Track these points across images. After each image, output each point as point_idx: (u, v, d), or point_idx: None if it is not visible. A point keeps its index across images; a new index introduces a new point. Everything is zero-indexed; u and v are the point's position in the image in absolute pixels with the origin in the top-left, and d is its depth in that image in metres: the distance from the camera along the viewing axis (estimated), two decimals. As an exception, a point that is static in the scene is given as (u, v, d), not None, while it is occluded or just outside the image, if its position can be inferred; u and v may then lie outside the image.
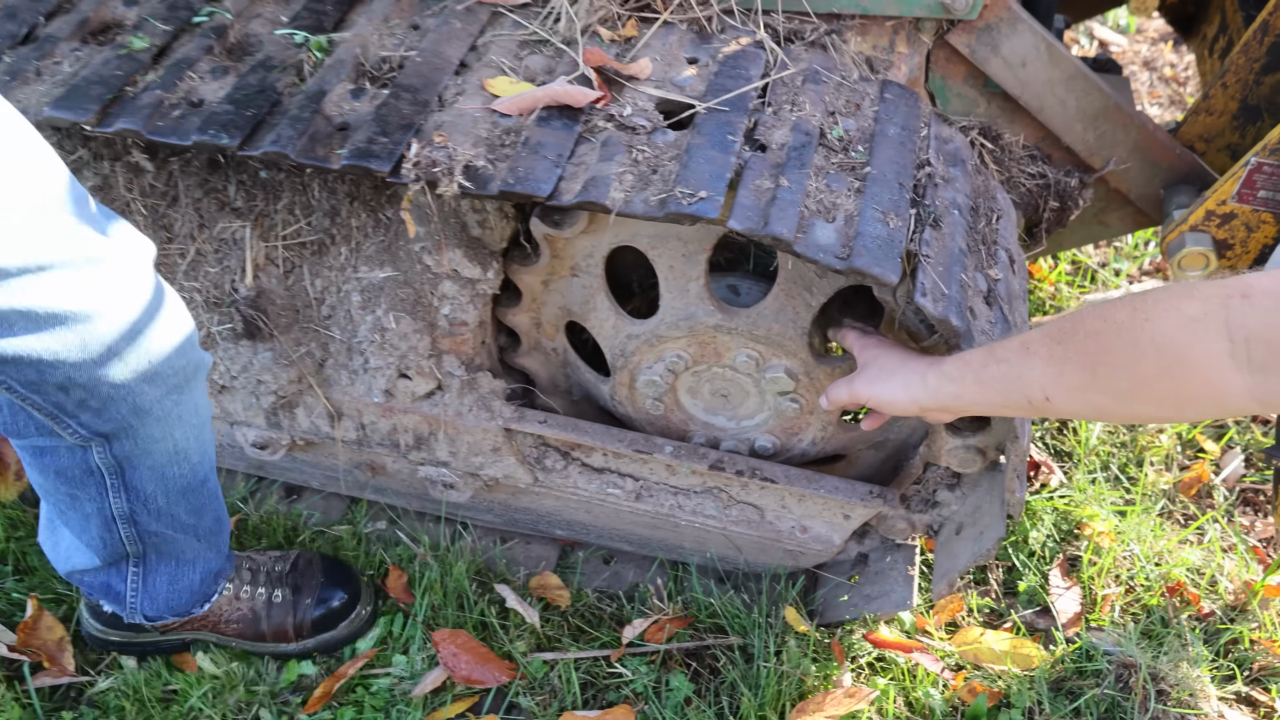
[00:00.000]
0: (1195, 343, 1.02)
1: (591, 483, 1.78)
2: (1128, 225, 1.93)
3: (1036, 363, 1.19)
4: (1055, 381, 1.17)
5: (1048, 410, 1.21)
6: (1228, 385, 1.01)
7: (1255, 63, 1.72)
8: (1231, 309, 1.00)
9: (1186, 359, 1.03)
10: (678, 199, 1.27)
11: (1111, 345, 1.10)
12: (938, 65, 1.74)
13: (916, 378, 1.34)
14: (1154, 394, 1.08)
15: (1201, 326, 1.02)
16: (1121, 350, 1.09)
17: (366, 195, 1.63)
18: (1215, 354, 1.01)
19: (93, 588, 1.63)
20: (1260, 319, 0.98)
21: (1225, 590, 1.84)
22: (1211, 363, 1.01)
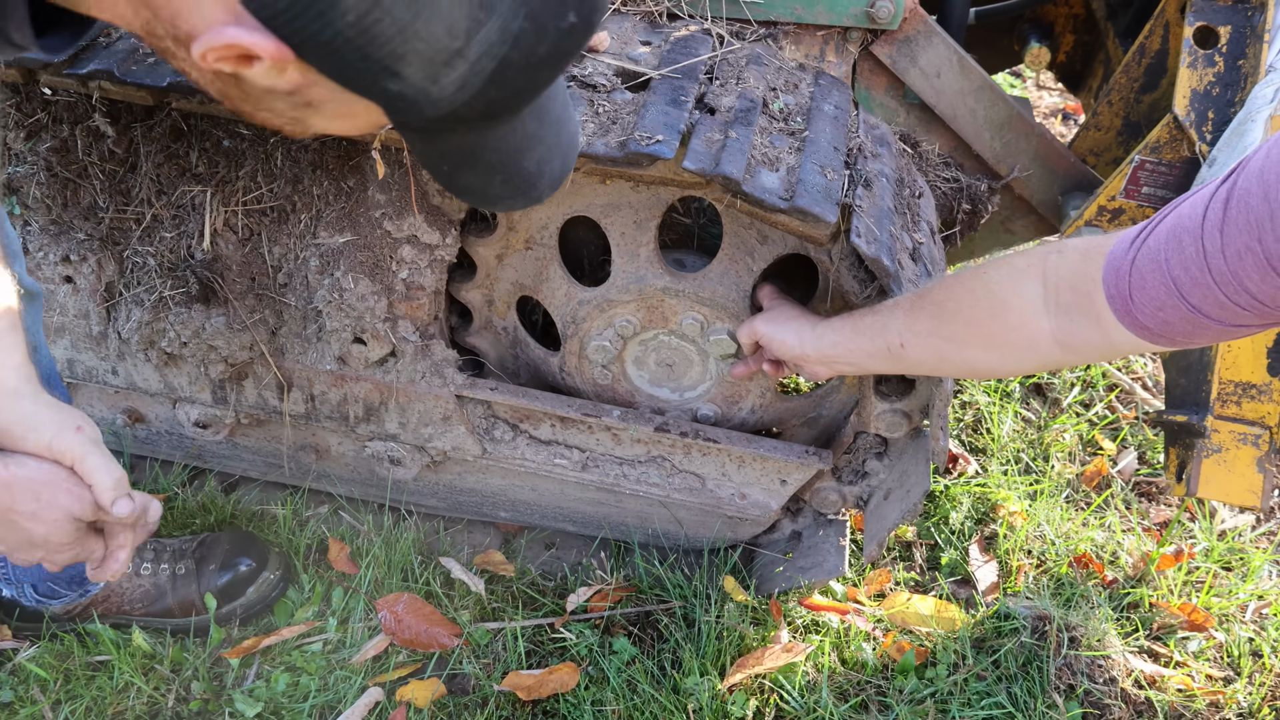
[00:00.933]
0: (1017, 286, 1.22)
1: (539, 454, 1.84)
2: (1031, 233, 2.11)
3: (899, 314, 1.38)
4: (909, 329, 1.36)
5: (903, 358, 1.39)
6: (1039, 328, 1.20)
7: (1135, 82, 1.94)
8: (1048, 261, 1.21)
9: (1009, 301, 1.23)
10: (636, 141, 1.39)
11: (955, 293, 1.31)
12: (863, 76, 1.91)
13: (807, 326, 1.53)
14: (982, 335, 1.28)
15: (1023, 274, 1.22)
16: (962, 296, 1.30)
17: (329, 163, 1.70)
18: (1031, 297, 1.20)
19: None
20: (1068, 268, 1.18)
21: (1126, 563, 1.97)
22: (1028, 304, 1.20)
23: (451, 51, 0.81)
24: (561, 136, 1.02)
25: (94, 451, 1.12)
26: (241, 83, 0.88)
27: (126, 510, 1.12)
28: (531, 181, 1.01)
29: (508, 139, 0.95)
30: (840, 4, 1.74)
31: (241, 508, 1.95)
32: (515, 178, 0.99)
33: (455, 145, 0.94)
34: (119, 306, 1.80)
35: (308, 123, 0.95)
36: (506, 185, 1.00)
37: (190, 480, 2.02)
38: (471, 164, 0.97)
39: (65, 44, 0.96)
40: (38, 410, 1.11)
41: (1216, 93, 1.71)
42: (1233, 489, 1.68)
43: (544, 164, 1.00)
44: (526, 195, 1.03)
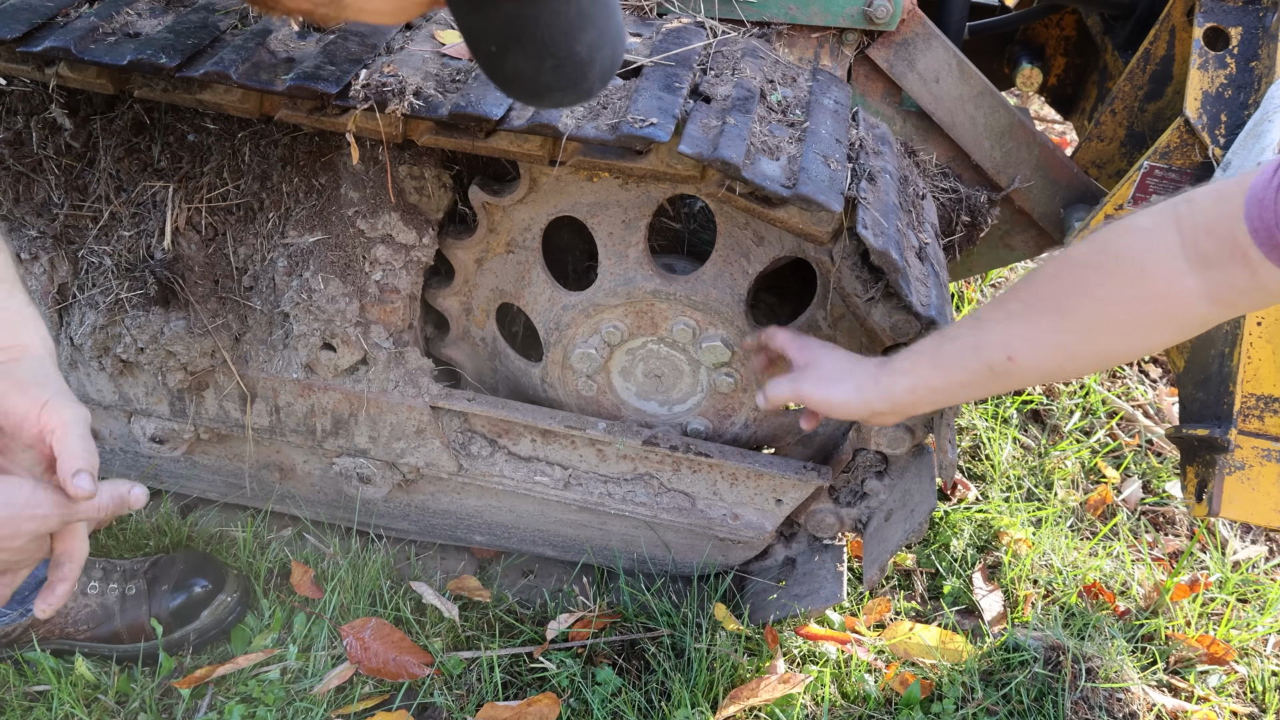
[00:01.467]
0: (1152, 246, 1.08)
1: (519, 471, 1.72)
2: (1031, 249, 2.04)
3: (994, 326, 1.20)
4: (1017, 336, 1.18)
5: (1011, 373, 1.20)
6: (1186, 287, 1.07)
7: (1139, 90, 1.88)
8: (1179, 212, 1.08)
9: (1146, 264, 1.09)
10: (630, 124, 1.30)
11: (1076, 277, 1.14)
12: (858, 81, 1.84)
13: (868, 379, 1.32)
14: (1120, 316, 1.12)
15: (1156, 232, 1.09)
16: (1087, 276, 1.13)
17: (300, 159, 1.61)
18: (1170, 252, 1.07)
19: None
20: (1204, 213, 1.06)
21: (1138, 593, 1.87)
22: (1169, 262, 1.07)
23: None
24: (613, 22, 0.93)
25: (81, 425, 1.07)
26: None
27: (85, 486, 1.02)
28: (583, 70, 0.92)
29: (562, 13, 0.86)
30: (836, 4, 1.68)
31: (199, 530, 1.82)
32: (567, 63, 0.90)
33: (507, 16, 0.85)
34: (72, 310, 1.68)
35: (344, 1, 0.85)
36: (557, 72, 0.90)
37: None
38: (522, 42, 0.87)
39: None
40: (54, 373, 1.09)
41: (1229, 95, 1.65)
42: (1257, 508, 1.59)
43: (595, 50, 0.91)
44: (578, 86, 0.94)
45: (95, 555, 1.68)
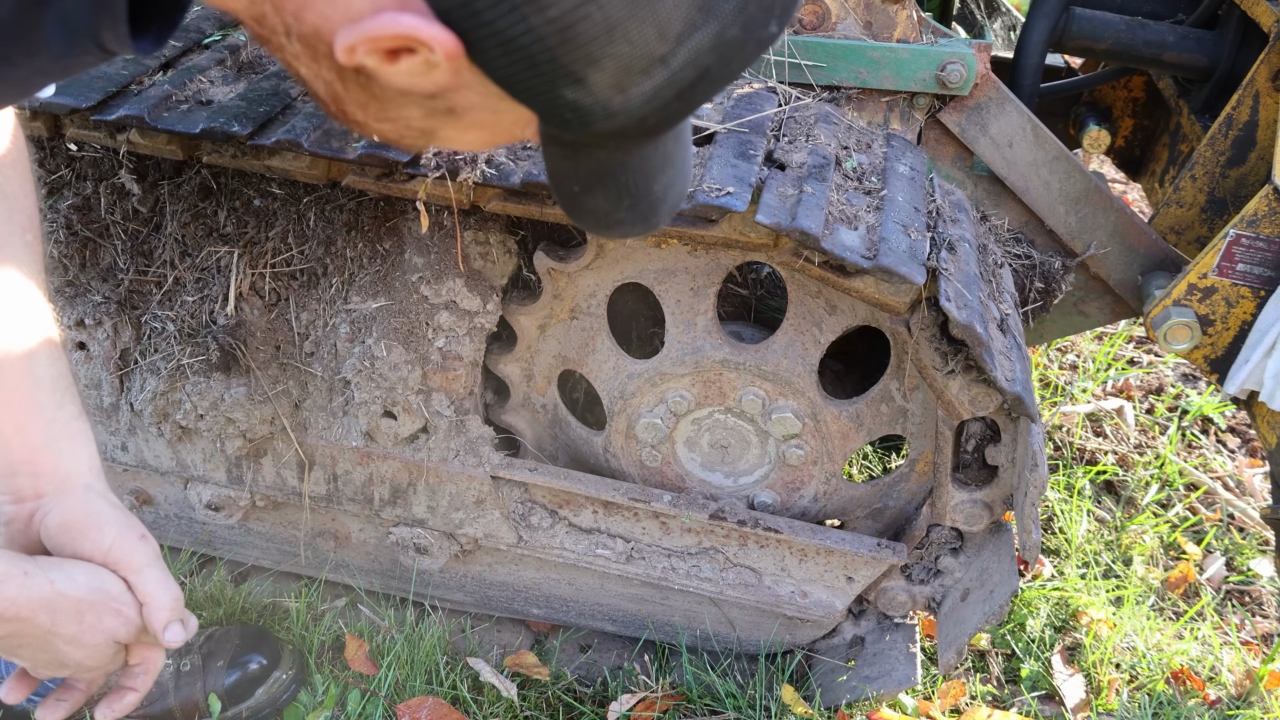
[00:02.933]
0: None
1: (579, 543, 1.67)
2: (1106, 316, 1.97)
3: None
4: None
5: None
6: None
7: (1220, 155, 1.83)
8: None
9: None
10: (705, 193, 1.27)
11: None
12: (928, 145, 1.80)
13: None
14: None
15: None
16: None
17: (365, 225, 1.59)
18: None
19: None
20: None
21: (1228, 680, 1.77)
22: None
23: (654, 58, 0.70)
24: (688, 159, 0.92)
25: (155, 564, 1.02)
26: (373, 83, 0.75)
27: (178, 638, 1.00)
28: (655, 207, 0.90)
29: (649, 159, 0.84)
30: (908, 68, 1.65)
31: (253, 599, 1.78)
32: (642, 201, 0.88)
33: (598, 162, 0.83)
34: (133, 375, 1.67)
35: (436, 134, 0.81)
36: (633, 210, 0.89)
37: (199, 569, 1.86)
38: (605, 185, 0.86)
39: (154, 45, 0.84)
40: (106, 509, 1.02)
41: (1318, 162, 1.59)
42: (1360, 595, 1.50)
43: (669, 188, 0.90)
44: (648, 221, 0.92)
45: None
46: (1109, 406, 2.40)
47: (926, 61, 1.64)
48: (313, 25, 0.71)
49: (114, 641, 1.00)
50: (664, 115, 0.75)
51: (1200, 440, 2.39)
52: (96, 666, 1.02)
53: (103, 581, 0.98)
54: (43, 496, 1.02)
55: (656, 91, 0.72)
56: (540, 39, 0.67)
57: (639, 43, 0.68)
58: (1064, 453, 2.29)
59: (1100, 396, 2.47)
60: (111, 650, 1.01)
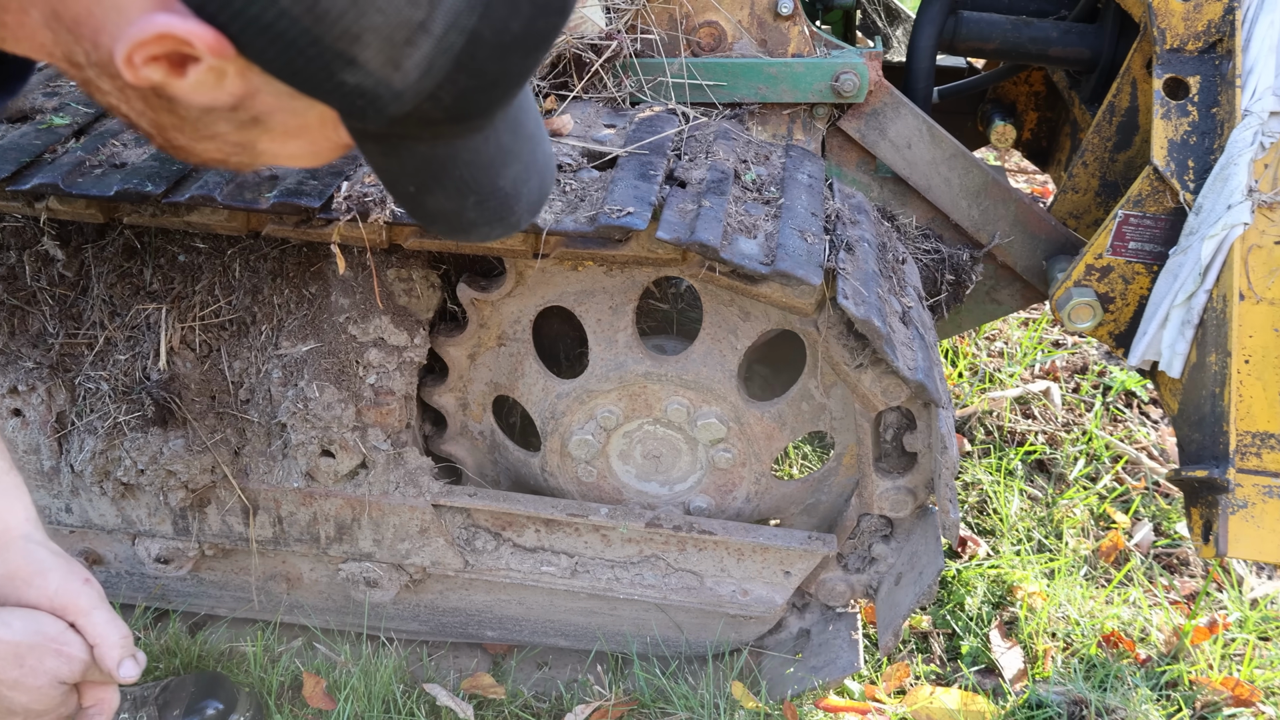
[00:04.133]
0: None
1: (524, 563, 1.72)
2: (1018, 302, 2.06)
3: None
4: None
5: None
6: None
7: (1108, 141, 1.92)
8: None
9: None
10: (607, 214, 1.33)
11: None
12: (832, 153, 1.88)
13: None
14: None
15: None
16: None
17: (289, 271, 1.64)
18: None
19: None
20: None
21: (1158, 639, 1.85)
22: None
23: (414, 24, 0.70)
24: (538, 153, 0.90)
25: (100, 605, 1.04)
26: (175, 105, 0.76)
27: (132, 674, 1.02)
28: (509, 204, 0.88)
29: (480, 150, 0.83)
30: (804, 81, 1.72)
31: (209, 647, 1.81)
32: (490, 199, 0.86)
33: (422, 158, 0.82)
34: (71, 437, 1.69)
35: (256, 148, 0.82)
36: (481, 208, 0.87)
37: (154, 623, 1.88)
38: (441, 182, 0.84)
39: None
40: (47, 556, 1.04)
41: (1194, 141, 1.68)
42: (1265, 546, 1.58)
43: (521, 184, 0.88)
44: (504, 220, 0.89)
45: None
46: (1036, 389, 2.48)
47: (821, 73, 1.71)
48: (106, 49, 0.72)
49: (59, 683, 1.01)
50: (459, 93, 0.75)
51: (1125, 414, 2.49)
52: (45, 710, 1.03)
53: (39, 624, 1.00)
54: None
55: (430, 62, 0.72)
56: (295, 20, 0.68)
57: (390, 10, 0.69)
58: (995, 437, 2.38)
59: (1028, 380, 2.56)
60: (59, 693, 1.02)
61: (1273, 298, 1.64)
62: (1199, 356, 1.67)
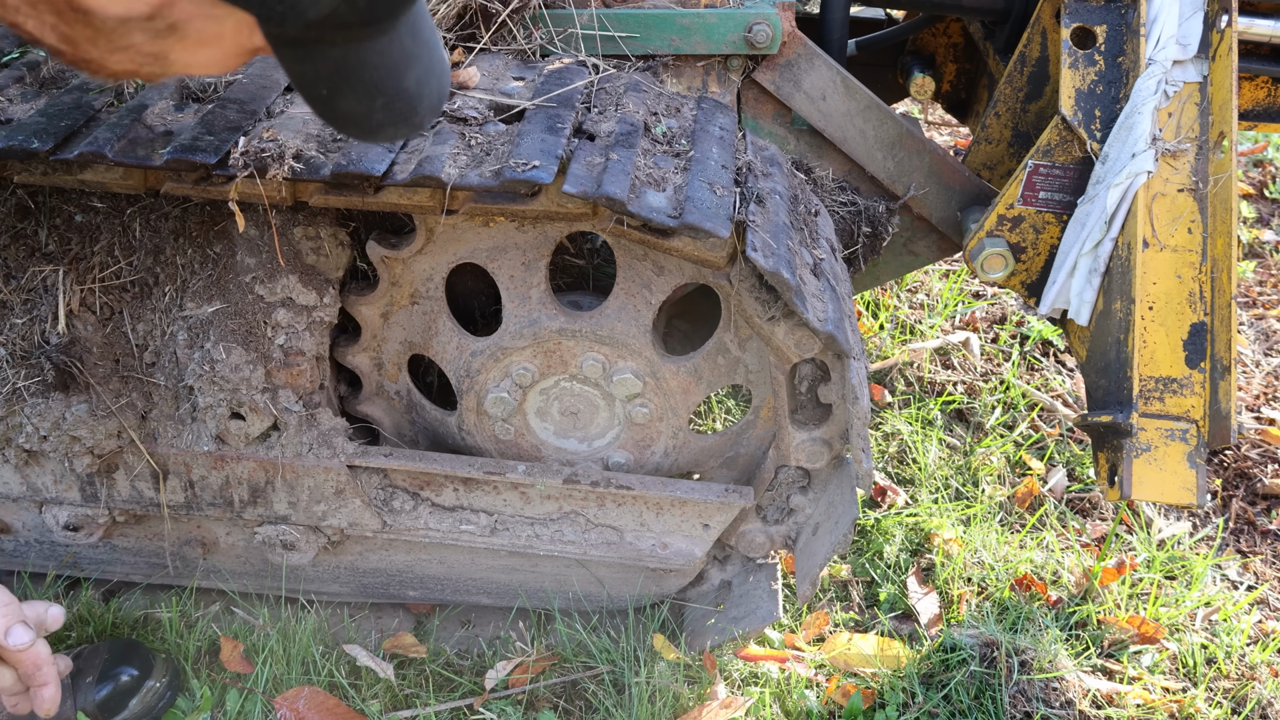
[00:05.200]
0: None
1: (444, 522, 1.71)
2: (934, 253, 2.08)
3: None
4: None
5: None
6: None
7: (1019, 92, 1.94)
8: None
9: None
10: (512, 168, 1.31)
11: None
12: (748, 105, 1.87)
13: None
14: None
15: None
16: None
17: (192, 230, 1.59)
18: None
19: None
20: None
21: (1068, 581, 1.90)
22: None
23: None
24: (436, 57, 0.95)
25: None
26: (90, 17, 0.76)
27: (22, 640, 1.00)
28: (413, 105, 0.94)
29: (386, 53, 0.88)
30: (717, 32, 1.71)
31: (123, 615, 1.78)
32: (396, 100, 0.92)
33: (334, 61, 0.86)
34: (-31, 403, 1.64)
35: (169, 58, 0.83)
36: (388, 109, 0.93)
37: (65, 591, 1.84)
38: (351, 84, 0.89)
39: None
40: None
41: (1101, 90, 1.70)
42: (1167, 488, 1.63)
43: (422, 85, 0.94)
44: (409, 120, 0.96)
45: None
46: (956, 340, 2.52)
47: (734, 24, 1.70)
48: None
49: None
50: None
51: (1041, 362, 2.54)
52: None
53: None
54: None
55: None
56: None
57: None
58: (915, 388, 2.41)
59: (948, 331, 2.60)
60: None
61: (1175, 245, 1.68)
62: (1105, 304, 1.71)
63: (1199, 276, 1.66)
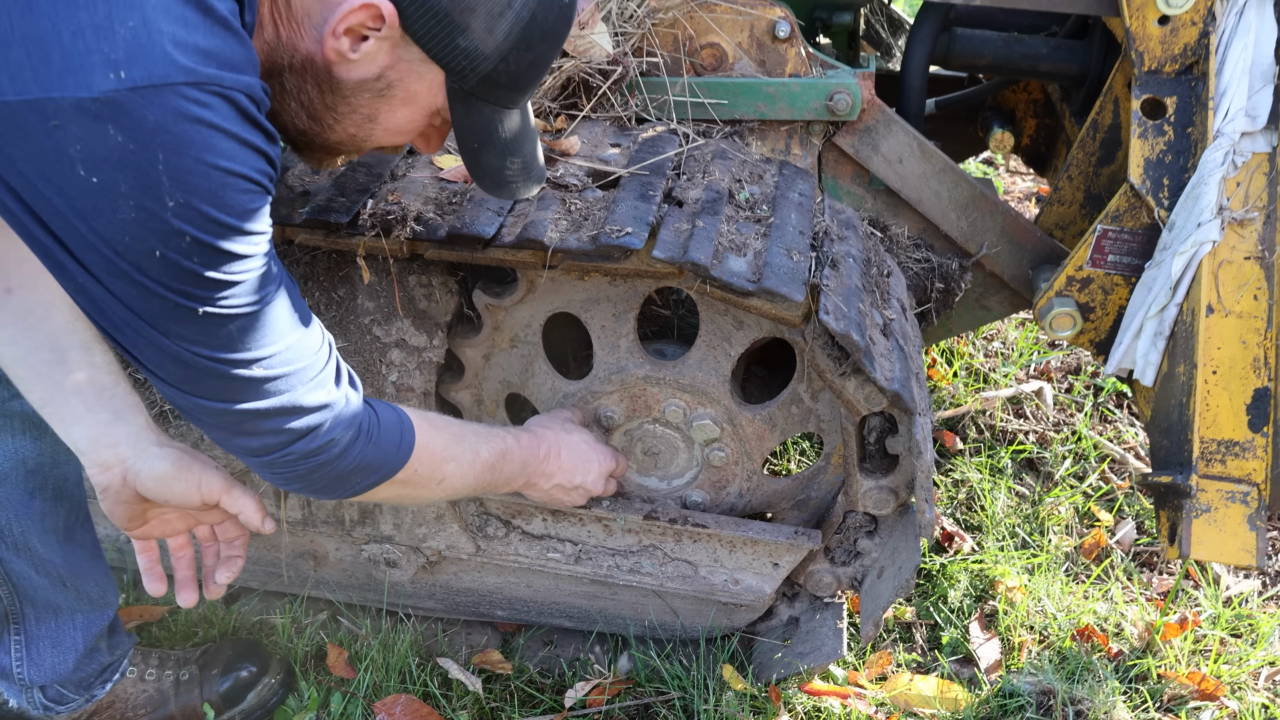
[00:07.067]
0: None
1: (532, 549, 1.85)
2: (1006, 308, 2.16)
3: None
4: None
5: None
6: None
7: (1092, 156, 2.01)
8: None
9: None
10: (607, 234, 1.44)
11: None
12: (829, 166, 1.99)
13: None
14: None
15: None
16: None
17: (320, 275, 1.76)
18: None
19: None
20: None
21: (1130, 634, 1.95)
22: None
23: (504, 3, 1.12)
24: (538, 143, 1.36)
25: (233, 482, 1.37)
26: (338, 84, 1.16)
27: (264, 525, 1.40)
28: (530, 168, 1.33)
29: (514, 124, 1.26)
30: (800, 99, 1.83)
31: (242, 618, 1.96)
32: (518, 160, 1.30)
33: (485, 119, 1.23)
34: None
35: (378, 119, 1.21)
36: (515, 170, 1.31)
37: (191, 594, 2.03)
38: (493, 142, 1.26)
39: None
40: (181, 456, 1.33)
41: (1169, 160, 1.77)
42: (1226, 548, 1.68)
43: (532, 157, 1.33)
44: (527, 181, 1.34)
45: (150, 646, 1.83)
46: (1029, 389, 2.58)
47: (816, 93, 1.82)
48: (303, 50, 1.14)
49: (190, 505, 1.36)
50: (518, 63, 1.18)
51: (1115, 414, 2.58)
52: None
53: None
54: (125, 461, 1.29)
55: (509, 29, 1.14)
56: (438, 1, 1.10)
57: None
58: (987, 435, 2.48)
59: (1022, 380, 2.66)
60: None
61: (1241, 311, 1.73)
62: (1169, 366, 1.77)
63: (1264, 343, 1.71)
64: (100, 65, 0.93)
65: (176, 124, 0.96)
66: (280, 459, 1.23)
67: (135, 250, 1.00)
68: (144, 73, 0.94)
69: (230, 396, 1.15)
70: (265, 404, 1.17)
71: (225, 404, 1.15)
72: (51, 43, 0.92)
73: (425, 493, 1.44)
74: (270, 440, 1.20)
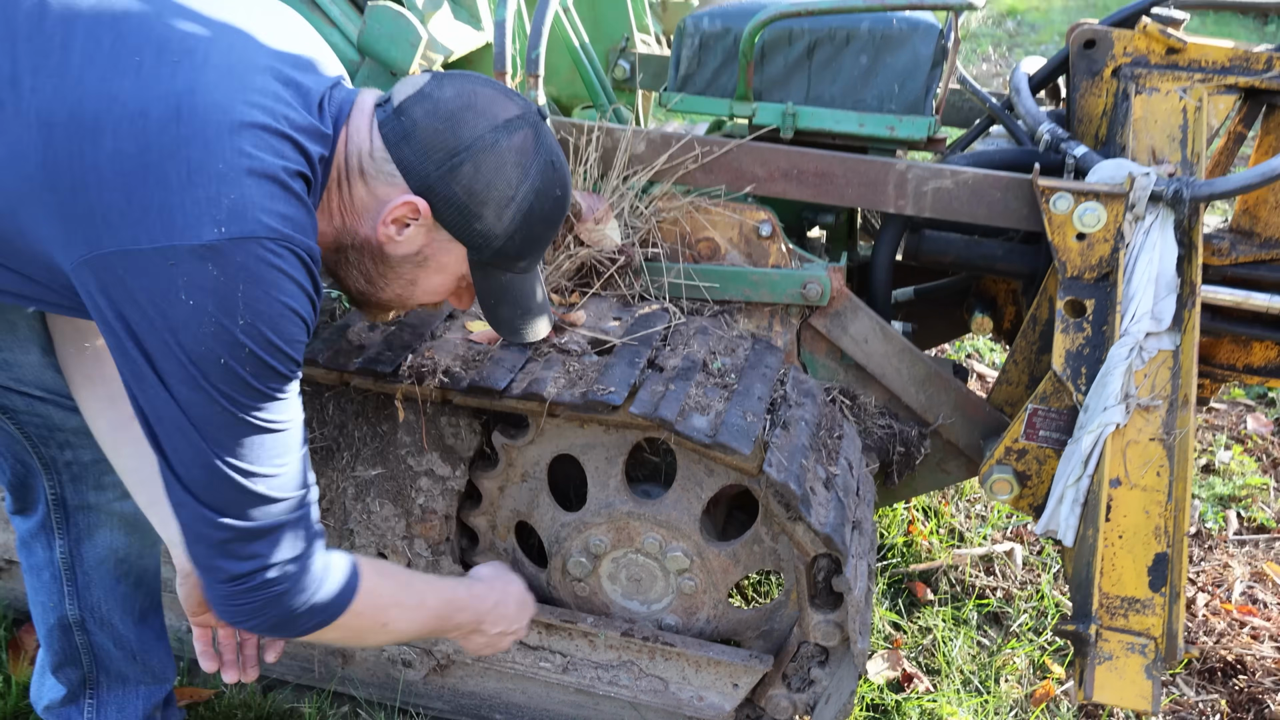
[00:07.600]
0: None
1: (527, 657, 2.14)
2: (963, 473, 2.44)
3: None
4: None
5: None
6: None
7: (1032, 345, 2.33)
8: None
9: None
10: (594, 392, 1.80)
11: None
12: (807, 342, 2.33)
13: None
14: None
15: None
16: None
17: (369, 412, 2.14)
18: None
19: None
20: None
21: (1066, 775, 2.15)
22: None
23: (508, 197, 1.45)
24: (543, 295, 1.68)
25: None
26: (388, 258, 1.49)
27: None
28: (537, 316, 1.65)
29: (524, 285, 1.59)
30: (779, 286, 2.19)
31: (275, 706, 2.25)
32: (528, 314, 1.63)
33: (500, 283, 1.55)
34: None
35: (418, 283, 1.54)
36: (525, 320, 1.63)
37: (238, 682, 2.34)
38: (507, 299, 1.58)
39: None
40: None
41: (1087, 352, 2.08)
42: (1126, 694, 1.90)
43: (540, 311, 1.66)
44: (534, 329, 1.66)
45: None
46: (1001, 549, 2.82)
47: (792, 282, 2.19)
48: (362, 233, 1.47)
49: None
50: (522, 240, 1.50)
51: (1081, 577, 2.80)
52: None
53: None
54: None
55: (514, 216, 1.46)
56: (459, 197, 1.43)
57: (500, 189, 1.44)
58: (956, 589, 2.72)
59: (997, 540, 2.90)
60: None
61: (1145, 485, 2.00)
62: (1083, 529, 2.04)
63: (1164, 513, 1.97)
64: (209, 224, 1.26)
65: (257, 266, 1.28)
66: (249, 586, 1.38)
67: (206, 358, 1.26)
68: (239, 229, 1.27)
69: (233, 511, 1.34)
70: (257, 524, 1.35)
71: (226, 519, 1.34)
72: (176, 209, 1.26)
73: (371, 637, 1.62)
74: (249, 565, 1.37)
